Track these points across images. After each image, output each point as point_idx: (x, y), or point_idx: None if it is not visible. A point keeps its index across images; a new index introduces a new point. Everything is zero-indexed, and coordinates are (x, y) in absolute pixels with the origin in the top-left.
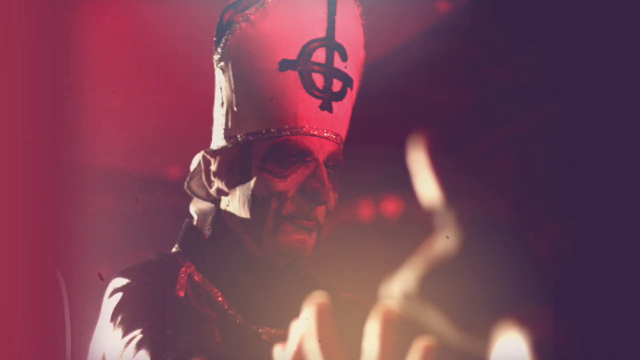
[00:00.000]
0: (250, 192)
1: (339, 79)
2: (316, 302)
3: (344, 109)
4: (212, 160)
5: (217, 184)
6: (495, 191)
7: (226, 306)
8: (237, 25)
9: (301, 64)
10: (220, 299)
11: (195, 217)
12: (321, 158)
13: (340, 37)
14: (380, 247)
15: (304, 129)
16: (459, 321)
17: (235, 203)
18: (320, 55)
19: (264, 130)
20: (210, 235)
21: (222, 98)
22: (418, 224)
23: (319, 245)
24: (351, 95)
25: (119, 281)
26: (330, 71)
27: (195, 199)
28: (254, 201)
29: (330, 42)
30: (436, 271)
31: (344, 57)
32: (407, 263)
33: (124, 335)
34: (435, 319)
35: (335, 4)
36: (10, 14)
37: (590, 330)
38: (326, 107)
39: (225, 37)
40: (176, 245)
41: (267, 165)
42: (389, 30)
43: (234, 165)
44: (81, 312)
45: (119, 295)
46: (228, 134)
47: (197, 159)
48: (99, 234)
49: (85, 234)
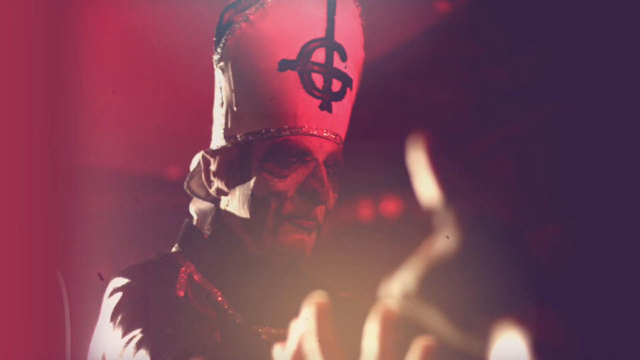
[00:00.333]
0: (249, 192)
1: (339, 79)
2: (316, 302)
3: (343, 109)
4: (212, 160)
5: (217, 183)
6: (495, 191)
7: (226, 306)
8: (237, 25)
9: (301, 64)
10: (219, 298)
11: (195, 217)
12: (320, 158)
13: (339, 37)
14: (380, 247)
15: (303, 129)
16: (458, 321)
17: (235, 203)
18: (319, 55)
19: (263, 130)
20: (210, 235)
21: (222, 98)
22: (418, 223)
23: (319, 245)
24: (351, 95)
25: (119, 281)
26: (329, 71)
27: (195, 199)
28: (254, 201)
29: (329, 42)
30: (436, 271)
31: (344, 57)
32: (407, 263)
33: (124, 334)
34: (434, 319)
35: (334, 4)
36: (10, 14)
37: (590, 330)
38: (326, 107)
39: (225, 37)
40: (176, 245)
41: (267, 165)
42: (389, 30)
43: (233, 165)
44: (81, 312)
45: (119, 294)
46: (228, 134)
47: (197, 158)
48: (99, 233)
49: (85, 234)
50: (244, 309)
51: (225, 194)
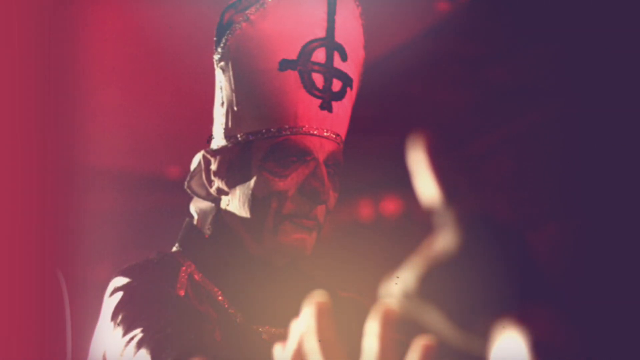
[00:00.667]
0: (250, 192)
1: (339, 78)
2: (316, 301)
3: (343, 109)
4: (213, 159)
5: (217, 183)
6: (495, 191)
7: (226, 305)
8: (237, 25)
9: (301, 63)
10: (220, 298)
11: (196, 217)
12: (321, 157)
13: (340, 37)
14: (380, 247)
15: (304, 129)
16: (458, 320)
17: (236, 202)
18: (320, 55)
19: (264, 130)
20: (211, 234)
21: (223, 98)
22: (418, 223)
23: (319, 244)
24: (351, 95)
25: (120, 280)
26: (330, 71)
27: (196, 198)
28: (254, 200)
29: (330, 42)
30: (436, 270)
31: (344, 57)
32: (407, 262)
33: (125, 334)
34: (434, 318)
35: (335, 4)
36: (11, 14)
37: (590, 330)
38: (326, 107)
39: (226, 37)
40: (176, 245)
41: (267, 165)
42: (389, 30)
43: (234, 164)
44: (82, 311)
45: (120, 294)
46: (228, 134)
47: (198, 158)
48: (100, 233)
49: (86, 233)
50: (244, 309)
51: (226, 194)
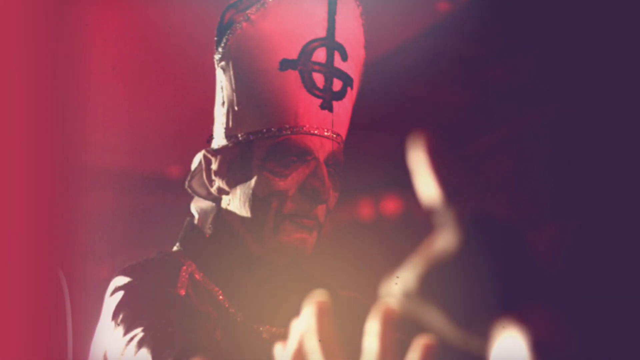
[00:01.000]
0: (250, 191)
1: (340, 78)
2: (316, 301)
3: (344, 109)
4: (213, 159)
5: (218, 183)
6: (495, 191)
7: (227, 305)
8: (238, 25)
9: (302, 63)
10: (220, 297)
11: (196, 216)
12: (321, 157)
13: (340, 37)
14: (380, 246)
15: (304, 128)
16: (458, 320)
17: (236, 202)
18: (320, 55)
19: (264, 130)
20: (211, 234)
21: (223, 97)
22: (418, 223)
23: (319, 244)
24: (351, 94)
25: (120, 280)
26: (330, 71)
27: (196, 198)
28: (255, 200)
29: (330, 42)
30: (436, 270)
31: (344, 57)
32: (407, 262)
33: (125, 333)
34: (434, 318)
35: (335, 3)
36: (12, 14)
37: (590, 330)
38: (326, 107)
39: (226, 37)
40: (177, 244)
41: (268, 164)
42: (389, 30)
43: (234, 164)
44: (82, 311)
45: (120, 293)
46: (229, 133)
47: (198, 158)
48: (100, 232)
49: (87, 233)
50: (244, 308)
51: (227, 193)
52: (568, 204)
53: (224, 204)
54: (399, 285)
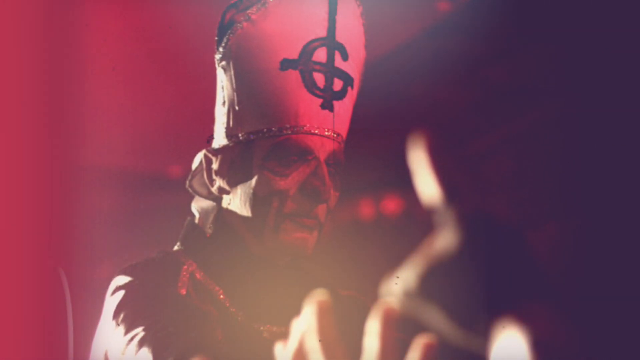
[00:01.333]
0: (251, 191)
1: (340, 78)
2: (317, 300)
3: (344, 108)
4: (214, 158)
5: (219, 182)
6: (495, 190)
7: (227, 304)
8: (239, 24)
9: (302, 63)
10: (221, 296)
11: (197, 216)
12: (322, 157)
13: (341, 37)
14: (381, 246)
15: (305, 128)
16: (459, 319)
17: (237, 201)
18: (321, 55)
19: (265, 129)
20: (212, 233)
21: (224, 97)
22: (418, 222)
23: (320, 243)
24: (352, 94)
25: (121, 279)
26: (331, 70)
27: (197, 198)
28: (255, 199)
29: (331, 42)
30: (436, 269)
31: (345, 57)
32: (408, 261)
33: (126, 333)
34: (435, 317)
35: (336, 3)
36: (12, 14)
37: (590, 330)
38: (327, 106)
39: (227, 37)
40: (178, 244)
41: (268, 164)
42: (389, 30)
43: (235, 163)
44: (83, 310)
45: (121, 293)
46: (229, 133)
47: (199, 157)
48: (101, 232)
49: (87, 232)
50: (245, 307)
51: (227, 193)
52: (568, 204)
53: (224, 204)
54: (399, 284)
